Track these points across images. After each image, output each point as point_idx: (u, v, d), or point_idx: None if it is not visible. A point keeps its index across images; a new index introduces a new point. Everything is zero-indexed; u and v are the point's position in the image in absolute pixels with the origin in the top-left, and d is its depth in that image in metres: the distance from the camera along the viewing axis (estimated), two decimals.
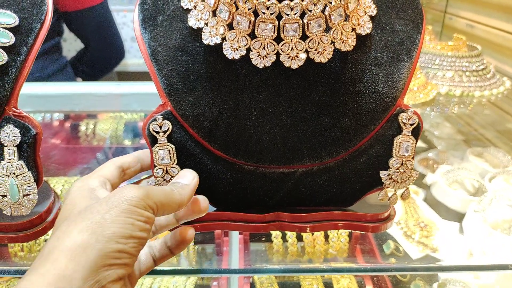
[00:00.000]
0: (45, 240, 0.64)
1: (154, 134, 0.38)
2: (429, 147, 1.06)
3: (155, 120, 0.38)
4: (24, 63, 0.40)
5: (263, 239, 0.71)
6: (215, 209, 0.42)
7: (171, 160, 0.39)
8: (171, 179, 0.39)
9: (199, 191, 0.41)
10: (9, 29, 0.39)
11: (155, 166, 0.39)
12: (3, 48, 0.38)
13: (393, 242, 0.74)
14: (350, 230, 0.57)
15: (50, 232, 0.43)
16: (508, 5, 1.18)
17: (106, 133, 1.03)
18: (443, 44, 1.00)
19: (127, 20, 1.94)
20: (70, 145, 1.02)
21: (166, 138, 0.38)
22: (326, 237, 0.72)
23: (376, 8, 0.40)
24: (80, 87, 0.93)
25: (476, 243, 0.71)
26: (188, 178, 0.37)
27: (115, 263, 0.28)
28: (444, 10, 1.51)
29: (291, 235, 0.70)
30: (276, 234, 0.71)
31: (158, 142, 0.38)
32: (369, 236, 0.74)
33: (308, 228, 0.42)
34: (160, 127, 0.38)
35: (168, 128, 0.38)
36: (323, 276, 0.73)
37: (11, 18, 0.39)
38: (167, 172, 0.39)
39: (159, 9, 0.40)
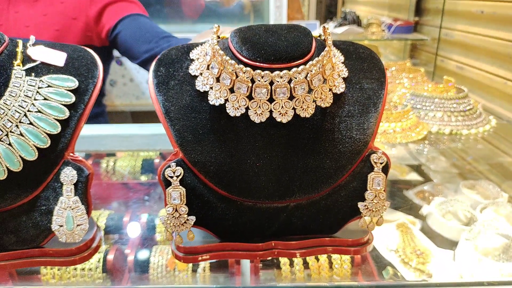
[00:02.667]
0: (75, 269, 0.71)
1: (169, 178, 0.47)
2: (425, 180, 1.12)
3: (169, 166, 0.47)
4: (80, 117, 0.49)
5: (272, 262, 0.77)
6: (219, 240, 0.50)
7: (181, 201, 0.47)
8: (179, 217, 0.47)
9: (206, 225, 0.49)
10: (70, 90, 0.49)
11: (167, 205, 0.47)
12: (66, 105, 0.48)
13: (392, 269, 0.80)
14: (350, 255, 0.63)
15: (87, 267, 0.49)
16: (494, 50, 1.28)
17: (125, 170, 1.12)
18: (434, 86, 1.09)
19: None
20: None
21: (178, 182, 0.47)
22: (330, 264, 0.77)
23: (347, 71, 0.49)
24: (104, 128, 1.02)
25: (467, 268, 0.76)
26: None
27: None
28: (436, 52, 1.62)
29: (298, 262, 0.77)
30: (284, 261, 0.77)
31: (172, 185, 0.47)
32: (370, 262, 0.80)
33: (298, 254, 0.49)
34: (174, 173, 0.47)
35: (181, 173, 0.47)
36: None
37: (72, 82, 0.49)
38: (176, 210, 0.47)
39: (171, 75, 0.49)
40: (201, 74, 0.48)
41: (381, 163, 0.48)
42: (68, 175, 0.47)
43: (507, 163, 1.11)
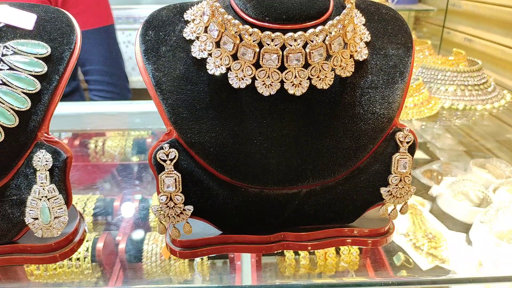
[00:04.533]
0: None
1: (161, 162, 0.40)
2: (432, 158, 1.07)
3: (161, 148, 0.40)
4: (55, 91, 0.42)
5: (275, 252, 0.73)
6: (221, 232, 0.44)
7: (176, 188, 0.40)
8: (174, 206, 0.40)
9: (206, 216, 0.42)
10: (42, 58, 0.41)
11: (160, 193, 0.40)
12: (37, 77, 0.40)
13: (403, 254, 0.75)
14: None
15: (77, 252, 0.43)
16: (506, 19, 1.20)
17: (115, 150, 1.06)
18: (444, 59, 1.02)
19: (132, 38, 1.99)
20: (79, 163, 1.04)
21: (172, 166, 0.40)
22: (337, 250, 0.73)
23: (370, 35, 0.42)
24: (90, 106, 0.96)
25: (485, 254, 0.71)
26: None
27: None
28: (443, 24, 1.54)
29: None
30: None
31: (166, 170, 0.40)
32: (379, 248, 0.75)
33: (309, 247, 0.43)
34: (167, 155, 0.40)
35: (175, 156, 0.40)
36: None
37: (44, 49, 0.41)
38: (171, 199, 0.40)
39: (161, 40, 0.42)
40: (197, 38, 0.40)
41: (407, 143, 0.42)
42: (42, 159, 0.40)
43: None
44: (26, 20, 0.42)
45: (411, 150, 0.42)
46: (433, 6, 1.60)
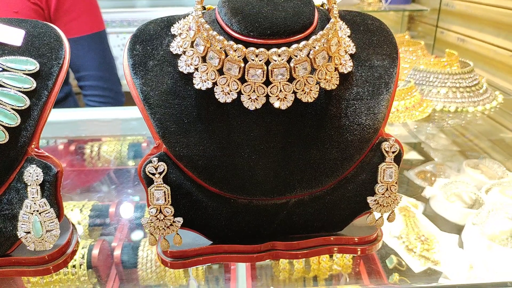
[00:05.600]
0: None
1: (150, 176, 0.40)
2: (426, 159, 1.08)
3: (150, 162, 0.40)
4: (45, 106, 0.42)
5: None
6: (211, 242, 0.44)
7: (165, 201, 0.40)
8: (164, 219, 0.41)
9: (196, 227, 0.43)
10: (30, 74, 0.42)
11: (149, 206, 0.41)
12: (26, 93, 0.41)
13: (396, 257, 0.76)
14: None
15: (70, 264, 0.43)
16: (498, 20, 1.21)
17: (111, 155, 1.06)
18: (436, 60, 1.02)
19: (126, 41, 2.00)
20: (75, 168, 1.05)
21: (162, 179, 0.40)
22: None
23: (355, 46, 0.42)
24: (84, 113, 0.96)
25: (476, 256, 0.72)
26: None
27: None
28: (436, 24, 1.54)
29: None
30: None
31: (155, 183, 0.40)
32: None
33: (300, 255, 0.44)
34: (156, 169, 0.40)
35: (164, 169, 0.40)
36: None
37: (32, 65, 0.42)
38: (161, 211, 0.41)
39: (149, 54, 0.42)
40: (184, 52, 0.41)
41: (393, 152, 0.42)
42: (33, 174, 0.41)
43: (510, 139, 1.06)
44: (15, 36, 0.42)
45: (397, 159, 0.43)
46: (427, 6, 1.60)
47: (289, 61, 0.37)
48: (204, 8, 0.43)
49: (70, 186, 0.96)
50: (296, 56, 0.37)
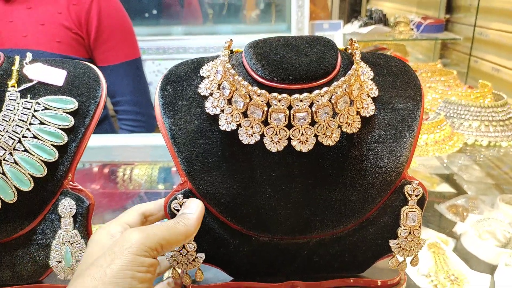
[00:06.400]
0: None
1: (175, 211, 0.42)
2: (459, 192, 1.05)
3: (175, 198, 0.42)
4: (81, 142, 0.45)
5: None
6: (232, 278, 0.45)
7: None
8: (187, 254, 0.42)
9: (217, 263, 0.44)
10: (69, 113, 0.45)
11: None
12: (64, 130, 0.44)
13: None
14: None
15: None
16: None
17: (142, 179, 1.09)
18: (468, 92, 1.00)
19: (161, 68, 2.08)
20: (107, 190, 1.08)
21: None
22: None
23: (377, 89, 0.43)
24: (118, 139, 1.00)
25: None
26: (193, 207, 0.40)
27: None
28: (469, 53, 1.52)
29: None
30: None
31: None
32: None
33: None
34: (181, 205, 0.42)
35: None
36: None
37: (72, 104, 0.45)
38: (184, 247, 0.42)
39: (179, 95, 0.44)
40: (211, 94, 0.42)
41: (416, 196, 0.42)
42: (67, 206, 0.43)
43: None
44: (57, 76, 0.46)
45: (420, 203, 0.42)
46: (460, 34, 1.58)
47: (311, 105, 0.38)
48: (231, 51, 0.45)
49: (103, 207, 1.00)
50: (318, 101, 0.38)
